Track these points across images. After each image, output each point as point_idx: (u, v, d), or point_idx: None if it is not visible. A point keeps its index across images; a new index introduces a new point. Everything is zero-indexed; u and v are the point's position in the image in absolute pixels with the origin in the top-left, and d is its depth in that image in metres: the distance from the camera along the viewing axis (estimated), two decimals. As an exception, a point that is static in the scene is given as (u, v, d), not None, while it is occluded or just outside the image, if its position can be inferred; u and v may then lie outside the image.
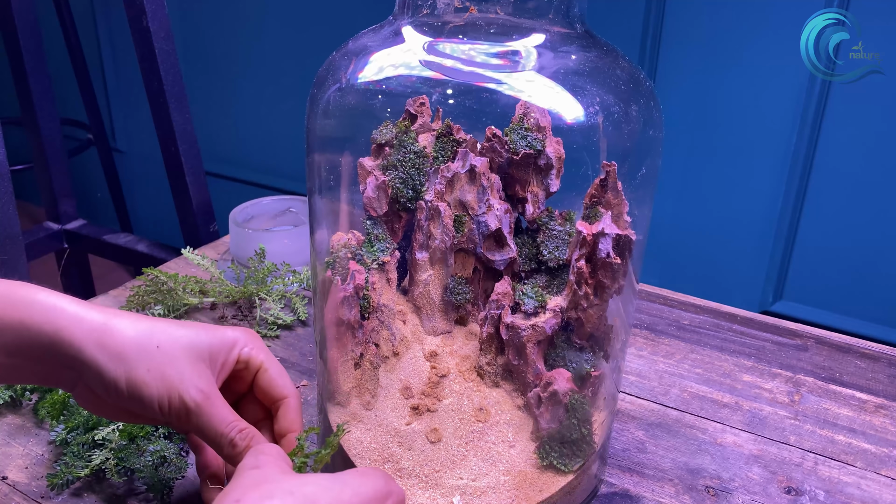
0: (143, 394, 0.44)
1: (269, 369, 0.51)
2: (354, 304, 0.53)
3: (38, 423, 0.67)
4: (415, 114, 0.54)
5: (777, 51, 1.08)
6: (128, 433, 0.60)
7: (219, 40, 1.69)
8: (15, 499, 0.59)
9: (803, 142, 1.12)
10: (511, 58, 0.52)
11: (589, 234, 0.49)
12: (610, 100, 0.51)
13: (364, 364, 0.55)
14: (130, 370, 0.44)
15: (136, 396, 0.44)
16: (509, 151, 0.52)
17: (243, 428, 0.47)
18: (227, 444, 0.46)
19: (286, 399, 0.51)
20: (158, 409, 0.45)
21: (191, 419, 0.46)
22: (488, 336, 0.54)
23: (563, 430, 0.53)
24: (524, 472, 0.54)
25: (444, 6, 0.52)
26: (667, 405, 0.72)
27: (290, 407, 0.51)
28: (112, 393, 0.45)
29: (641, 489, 0.62)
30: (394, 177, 0.53)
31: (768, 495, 0.62)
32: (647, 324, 0.86)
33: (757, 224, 1.20)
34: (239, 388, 0.52)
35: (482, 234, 0.54)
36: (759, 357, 0.80)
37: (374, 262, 0.54)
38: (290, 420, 0.50)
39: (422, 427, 0.54)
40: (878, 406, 0.73)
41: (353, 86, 0.53)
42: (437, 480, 0.53)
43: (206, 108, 1.75)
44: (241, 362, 0.50)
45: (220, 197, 1.44)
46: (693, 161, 1.21)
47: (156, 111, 1.18)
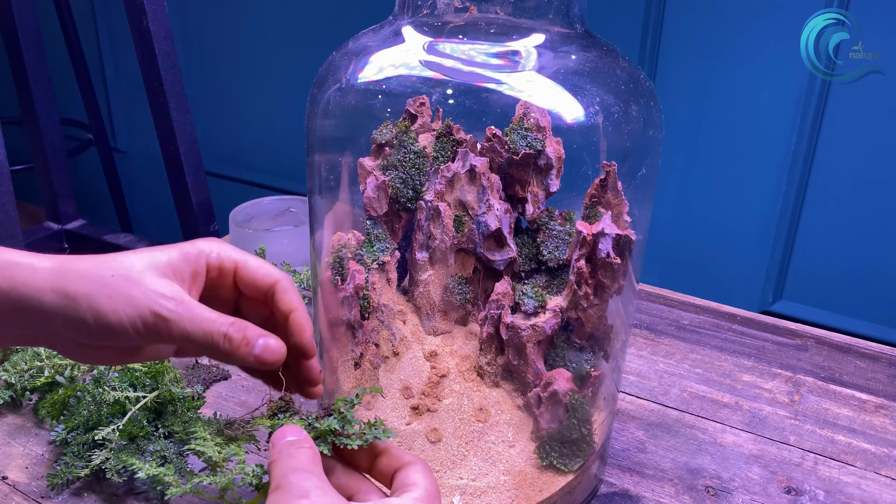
0: (112, 323, 0.42)
1: (247, 264, 0.47)
2: (354, 304, 0.53)
3: (38, 423, 0.67)
4: (415, 114, 0.54)
5: (777, 51, 1.08)
6: (128, 433, 0.60)
7: (219, 40, 1.69)
8: (15, 499, 0.59)
9: (803, 142, 1.12)
10: (511, 58, 0.52)
11: (589, 234, 0.49)
12: (610, 100, 0.51)
13: (364, 364, 0.55)
14: (92, 304, 0.42)
15: (106, 329, 0.42)
16: (509, 151, 0.52)
17: (233, 321, 0.43)
18: (222, 338, 0.43)
19: (276, 283, 0.47)
20: (135, 334, 0.42)
21: (173, 330, 0.42)
22: (488, 336, 0.54)
23: (563, 430, 0.53)
24: (524, 472, 0.54)
25: (444, 6, 0.52)
26: (667, 405, 0.72)
27: (283, 289, 0.47)
28: (85, 333, 0.42)
29: (641, 489, 0.62)
30: (394, 177, 0.53)
31: (768, 495, 0.62)
32: (647, 324, 0.86)
33: (757, 224, 1.20)
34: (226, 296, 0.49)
35: (482, 234, 0.54)
36: (759, 357, 0.80)
37: (374, 262, 0.54)
38: (287, 301, 0.47)
39: (422, 427, 0.54)
40: (878, 406, 0.73)
41: (353, 86, 0.53)
42: (437, 480, 0.53)
43: (206, 108, 1.75)
44: (214, 269, 0.47)
45: (220, 197, 1.44)
46: (693, 161, 1.21)
47: (156, 111, 1.18)
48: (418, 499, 0.40)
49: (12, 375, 0.67)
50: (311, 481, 0.39)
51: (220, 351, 0.43)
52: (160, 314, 0.42)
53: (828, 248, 1.17)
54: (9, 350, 0.70)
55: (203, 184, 1.24)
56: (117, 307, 0.42)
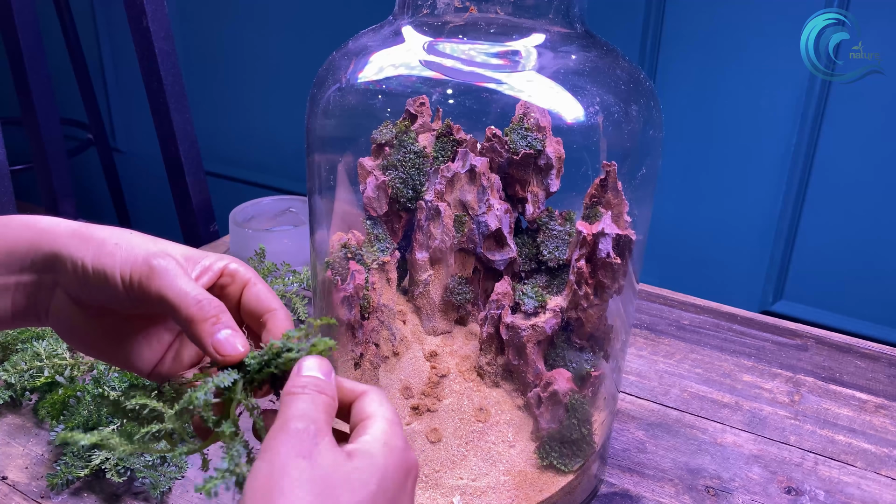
0: (105, 267, 0.43)
1: (258, 284, 0.48)
2: (354, 304, 0.53)
3: (38, 423, 0.67)
4: (415, 114, 0.54)
5: (777, 51, 1.08)
6: (128, 433, 0.60)
7: (219, 40, 1.69)
8: (15, 499, 0.59)
9: (803, 142, 1.12)
10: (511, 58, 0.52)
11: (589, 234, 0.49)
12: (610, 100, 0.51)
13: (364, 364, 0.55)
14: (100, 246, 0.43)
15: (99, 272, 0.43)
16: (509, 151, 0.52)
17: (214, 299, 0.43)
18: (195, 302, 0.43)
19: (274, 311, 0.47)
20: (122, 285, 0.43)
21: (152, 284, 0.43)
22: (488, 336, 0.54)
23: (563, 430, 0.53)
24: (524, 472, 0.54)
25: (444, 6, 0.52)
26: (667, 405, 0.72)
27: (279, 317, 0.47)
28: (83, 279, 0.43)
29: (641, 489, 0.62)
30: (394, 177, 0.53)
31: (768, 495, 0.61)
32: (647, 324, 0.86)
33: (757, 224, 1.20)
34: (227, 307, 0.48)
35: (482, 234, 0.54)
36: (759, 357, 0.80)
37: (374, 262, 0.54)
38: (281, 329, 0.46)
39: (422, 427, 0.54)
40: (878, 406, 0.73)
41: (353, 86, 0.53)
42: (437, 480, 0.53)
43: (206, 108, 1.75)
44: (228, 275, 0.48)
45: (220, 197, 1.44)
46: (693, 161, 1.21)
47: (156, 111, 1.18)
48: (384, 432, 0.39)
49: (12, 375, 0.67)
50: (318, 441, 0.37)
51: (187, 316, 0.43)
52: (150, 264, 0.43)
53: (828, 248, 1.17)
54: (9, 350, 0.70)
55: (203, 184, 1.23)
56: (118, 252, 0.43)
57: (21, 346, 0.68)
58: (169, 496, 0.59)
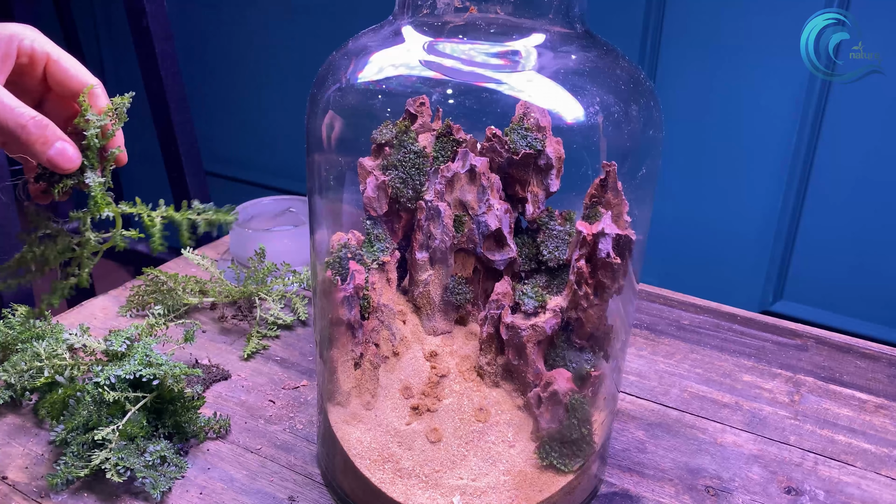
0: None
1: (60, 59, 0.47)
2: (354, 304, 0.53)
3: (38, 423, 0.67)
4: (415, 114, 0.54)
5: (777, 51, 1.08)
6: (127, 433, 0.60)
7: (219, 41, 1.69)
8: (15, 499, 0.59)
9: (803, 142, 1.12)
10: (511, 58, 0.52)
11: (589, 234, 0.49)
12: (610, 100, 0.51)
13: (364, 364, 0.55)
14: None
15: None
16: (509, 151, 0.52)
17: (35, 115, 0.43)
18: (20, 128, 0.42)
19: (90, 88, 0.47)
20: None
21: None
22: (488, 336, 0.54)
23: (563, 430, 0.53)
24: (524, 472, 0.54)
25: (444, 6, 0.52)
26: (667, 405, 0.72)
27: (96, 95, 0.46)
28: None
29: (641, 489, 0.62)
30: (394, 177, 0.53)
31: (768, 495, 0.62)
32: (647, 324, 0.86)
33: (757, 224, 1.20)
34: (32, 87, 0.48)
35: (482, 234, 0.54)
36: (759, 357, 0.80)
37: (374, 262, 0.54)
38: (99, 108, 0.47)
39: (422, 427, 0.54)
40: (878, 406, 0.73)
41: (353, 86, 0.53)
42: (437, 480, 0.53)
43: (206, 108, 1.75)
44: (24, 55, 0.46)
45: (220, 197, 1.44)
46: (693, 161, 1.21)
47: (156, 111, 1.18)
48: None
49: (12, 375, 0.67)
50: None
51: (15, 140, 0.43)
52: None
53: (828, 248, 1.17)
54: (9, 350, 0.70)
55: (203, 184, 1.24)
56: None
57: (21, 347, 0.68)
58: (169, 496, 0.59)
